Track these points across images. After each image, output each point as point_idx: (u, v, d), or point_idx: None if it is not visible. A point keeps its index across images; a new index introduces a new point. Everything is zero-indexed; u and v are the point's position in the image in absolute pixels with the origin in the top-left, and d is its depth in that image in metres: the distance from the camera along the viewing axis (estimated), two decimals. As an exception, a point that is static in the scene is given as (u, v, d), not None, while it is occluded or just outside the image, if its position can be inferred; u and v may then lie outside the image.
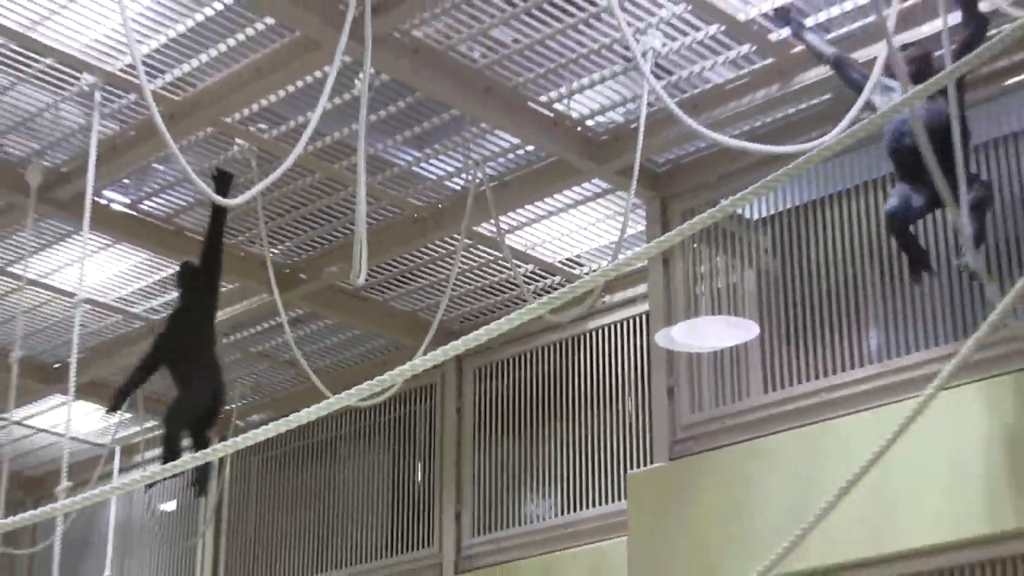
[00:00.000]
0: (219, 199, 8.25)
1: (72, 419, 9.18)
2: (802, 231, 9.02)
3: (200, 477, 9.94)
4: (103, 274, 10.92)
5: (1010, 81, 8.23)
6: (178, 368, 9.27)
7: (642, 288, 10.01)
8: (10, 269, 10.71)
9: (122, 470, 12.84)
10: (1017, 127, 8.26)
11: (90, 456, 13.47)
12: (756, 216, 9.29)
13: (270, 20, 8.24)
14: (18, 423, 12.44)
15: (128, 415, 12.24)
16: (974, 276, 7.46)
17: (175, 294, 10.03)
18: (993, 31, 7.36)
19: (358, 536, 11.82)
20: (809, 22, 8.19)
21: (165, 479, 9.57)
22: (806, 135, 8.41)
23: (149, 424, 12.83)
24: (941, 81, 3.91)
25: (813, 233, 8.96)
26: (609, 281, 10.23)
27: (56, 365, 12.03)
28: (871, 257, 8.65)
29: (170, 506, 13.43)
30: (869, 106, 7.25)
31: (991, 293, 7.17)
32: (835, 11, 8.17)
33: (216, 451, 5.30)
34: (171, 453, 9.04)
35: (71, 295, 9.77)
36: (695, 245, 9.43)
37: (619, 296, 10.61)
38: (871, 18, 7.92)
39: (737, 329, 9.11)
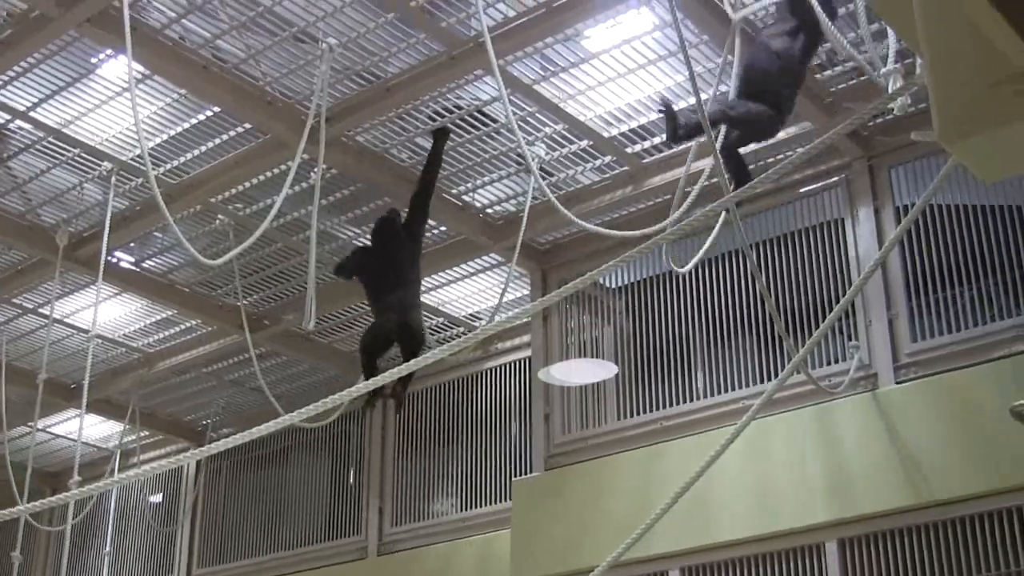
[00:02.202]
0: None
1: (83, 428, 9.00)
2: (647, 297, 9.03)
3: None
4: (112, 315, 10.68)
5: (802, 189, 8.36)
6: (375, 300, 8.09)
7: (527, 338, 9.96)
8: (41, 310, 10.48)
9: (120, 469, 12.58)
10: (800, 226, 8.34)
11: (97, 458, 13.23)
12: (613, 285, 9.30)
13: (248, 125, 8.17)
14: (41, 430, 12.13)
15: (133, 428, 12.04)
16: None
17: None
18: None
19: (303, 524, 11.62)
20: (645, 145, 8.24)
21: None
22: (650, 224, 8.42)
23: (144, 434, 12.63)
24: (723, 205, 3.91)
25: (656, 299, 8.97)
26: (501, 332, 10.22)
27: (73, 386, 11.77)
28: (699, 318, 8.69)
29: (157, 498, 13.15)
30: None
31: (789, 347, 7.21)
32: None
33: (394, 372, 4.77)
34: (367, 372, 7.79)
35: (86, 331, 9.58)
36: (567, 306, 9.42)
37: (509, 344, 10.53)
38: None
39: (598, 370, 9.09)
